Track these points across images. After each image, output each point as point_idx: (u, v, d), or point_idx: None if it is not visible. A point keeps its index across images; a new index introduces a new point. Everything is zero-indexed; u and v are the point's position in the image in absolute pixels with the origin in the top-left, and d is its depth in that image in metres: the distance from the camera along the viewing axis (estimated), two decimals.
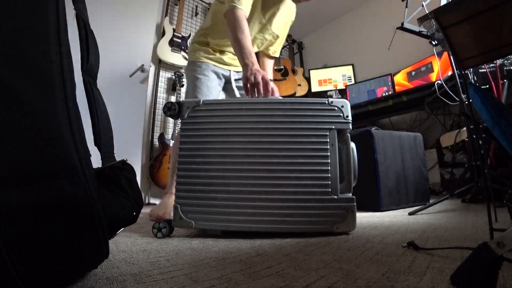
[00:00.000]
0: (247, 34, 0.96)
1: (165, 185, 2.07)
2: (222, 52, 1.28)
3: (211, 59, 1.25)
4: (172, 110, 0.81)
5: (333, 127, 0.77)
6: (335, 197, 0.72)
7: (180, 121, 0.83)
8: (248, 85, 0.88)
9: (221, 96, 1.48)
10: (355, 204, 0.73)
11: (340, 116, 0.78)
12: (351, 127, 0.78)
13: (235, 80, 1.27)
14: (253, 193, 0.74)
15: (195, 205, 0.76)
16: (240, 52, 0.94)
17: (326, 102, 0.79)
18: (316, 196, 0.72)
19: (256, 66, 0.90)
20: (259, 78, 0.86)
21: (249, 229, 0.73)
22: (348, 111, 0.78)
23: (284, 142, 0.76)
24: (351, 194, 0.75)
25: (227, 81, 1.31)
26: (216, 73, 1.26)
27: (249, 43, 0.95)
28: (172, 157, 1.22)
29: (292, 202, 0.73)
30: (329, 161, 0.74)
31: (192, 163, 0.78)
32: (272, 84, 0.89)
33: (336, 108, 0.78)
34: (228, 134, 0.78)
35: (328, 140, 0.76)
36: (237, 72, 1.32)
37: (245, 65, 0.92)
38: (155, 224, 0.79)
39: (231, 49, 1.21)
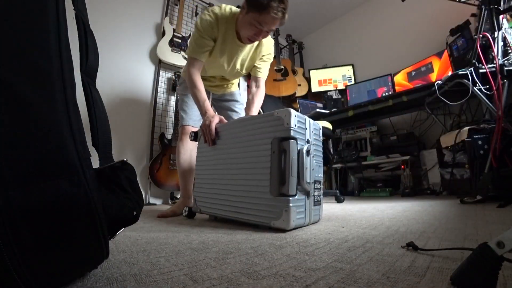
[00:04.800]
0: (199, 87, 1.23)
1: (165, 185, 2.19)
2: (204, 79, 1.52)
3: None
4: (191, 137, 1.22)
5: (275, 135, 0.84)
6: (271, 197, 0.82)
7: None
8: (204, 133, 1.11)
9: None
10: (290, 205, 0.79)
11: (282, 125, 0.83)
12: (291, 133, 0.82)
13: (212, 99, 1.61)
14: (224, 191, 1.00)
15: (202, 197, 1.11)
16: (198, 105, 1.23)
17: (270, 115, 0.87)
18: (258, 196, 0.86)
19: (208, 113, 1.14)
20: (207, 130, 1.08)
21: (224, 216, 1.00)
22: (289, 119, 0.82)
23: (242, 152, 0.95)
24: (294, 195, 0.81)
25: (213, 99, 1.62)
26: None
27: (202, 94, 1.21)
28: (178, 167, 1.44)
29: (245, 199, 0.91)
30: (269, 165, 0.84)
31: (200, 171, 1.16)
32: (215, 122, 1.09)
33: (279, 118, 0.84)
34: (216, 151, 1.08)
35: (270, 147, 0.85)
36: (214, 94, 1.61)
37: (202, 115, 1.19)
38: (185, 207, 1.25)
39: (210, 81, 1.52)
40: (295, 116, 0.84)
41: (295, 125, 0.84)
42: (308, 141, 0.89)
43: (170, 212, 1.31)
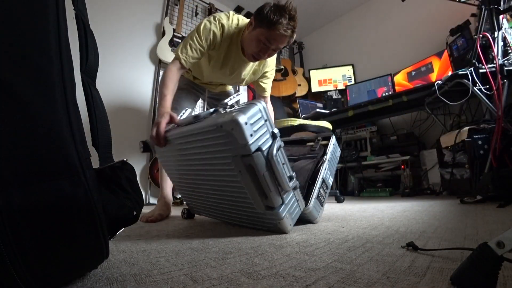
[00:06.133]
0: (170, 88, 1.08)
1: None
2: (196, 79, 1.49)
3: (190, 76, 1.47)
4: (141, 148, 1.00)
5: (232, 152, 0.68)
6: (261, 212, 0.75)
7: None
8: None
9: (199, 104, 1.82)
10: (281, 216, 0.73)
11: (235, 141, 0.65)
12: (252, 147, 0.65)
13: (208, 97, 1.57)
14: (210, 201, 0.92)
15: (192, 203, 1.07)
16: (159, 102, 1.08)
17: (215, 127, 0.68)
18: (247, 210, 0.79)
19: (161, 110, 1.00)
20: (154, 130, 0.91)
21: (225, 221, 0.99)
22: (241, 134, 0.64)
23: (206, 166, 0.81)
24: (281, 203, 0.73)
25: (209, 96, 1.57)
26: (193, 87, 1.48)
27: (167, 90, 1.07)
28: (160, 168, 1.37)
29: (237, 211, 0.84)
30: (242, 185, 0.72)
31: (173, 179, 1.08)
32: (166, 121, 0.92)
33: (228, 133, 0.66)
34: (177, 159, 0.93)
35: (234, 167, 0.70)
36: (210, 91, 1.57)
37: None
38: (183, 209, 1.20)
39: (206, 81, 1.46)
40: (246, 123, 0.64)
41: (251, 134, 0.65)
42: (273, 134, 0.71)
43: (158, 216, 1.17)
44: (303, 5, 3.28)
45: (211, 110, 0.81)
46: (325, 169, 0.99)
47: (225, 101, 0.78)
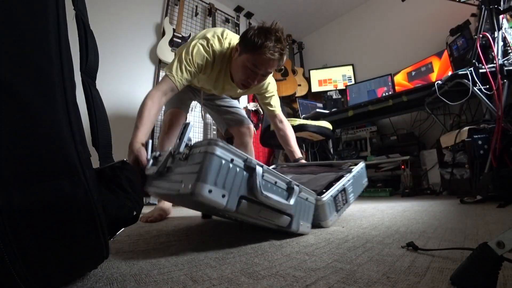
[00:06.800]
0: (144, 119, 0.92)
1: None
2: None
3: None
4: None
5: (220, 211, 0.60)
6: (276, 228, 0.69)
7: None
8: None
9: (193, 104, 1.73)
10: (297, 230, 0.71)
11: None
12: (233, 207, 0.54)
13: (204, 98, 1.45)
14: None
15: None
16: (136, 125, 0.91)
17: (184, 195, 0.55)
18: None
19: (135, 144, 0.84)
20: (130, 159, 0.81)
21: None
22: (211, 201, 0.51)
23: None
24: (290, 224, 0.69)
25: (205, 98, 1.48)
26: (190, 87, 1.38)
27: (141, 128, 0.90)
28: None
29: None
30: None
31: None
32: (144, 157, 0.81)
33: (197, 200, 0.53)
34: None
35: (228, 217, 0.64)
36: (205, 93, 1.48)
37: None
38: None
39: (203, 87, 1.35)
40: (210, 191, 0.50)
41: (223, 195, 0.53)
42: (248, 167, 0.58)
43: (158, 216, 1.15)
44: (303, 5, 3.28)
45: (169, 151, 0.67)
46: (348, 180, 0.95)
47: (179, 147, 0.63)
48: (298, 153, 1.37)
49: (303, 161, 1.33)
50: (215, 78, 1.18)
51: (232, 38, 1.14)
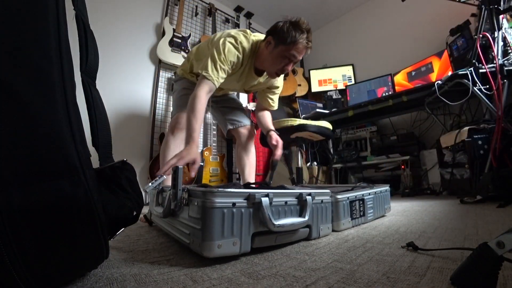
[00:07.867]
0: (199, 116, 1.02)
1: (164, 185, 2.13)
2: None
3: (194, 78, 1.43)
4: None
5: None
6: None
7: None
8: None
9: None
10: (319, 236, 0.71)
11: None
12: (248, 247, 0.53)
13: (212, 101, 1.49)
14: None
15: None
16: (188, 130, 1.00)
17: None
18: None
19: (191, 145, 0.92)
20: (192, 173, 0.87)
21: None
22: (224, 253, 0.49)
23: None
24: (310, 233, 0.69)
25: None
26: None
27: (197, 125, 1.00)
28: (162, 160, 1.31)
29: None
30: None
31: None
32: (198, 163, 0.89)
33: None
34: None
35: None
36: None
37: (186, 143, 0.97)
38: None
39: None
40: (219, 245, 0.49)
41: (234, 242, 0.51)
42: (253, 204, 0.55)
43: None
44: (303, 5, 3.29)
45: (168, 194, 0.66)
46: (369, 193, 0.95)
47: (176, 196, 0.60)
48: (271, 125, 1.39)
49: (274, 134, 1.31)
50: (241, 73, 1.25)
51: (256, 36, 1.25)
